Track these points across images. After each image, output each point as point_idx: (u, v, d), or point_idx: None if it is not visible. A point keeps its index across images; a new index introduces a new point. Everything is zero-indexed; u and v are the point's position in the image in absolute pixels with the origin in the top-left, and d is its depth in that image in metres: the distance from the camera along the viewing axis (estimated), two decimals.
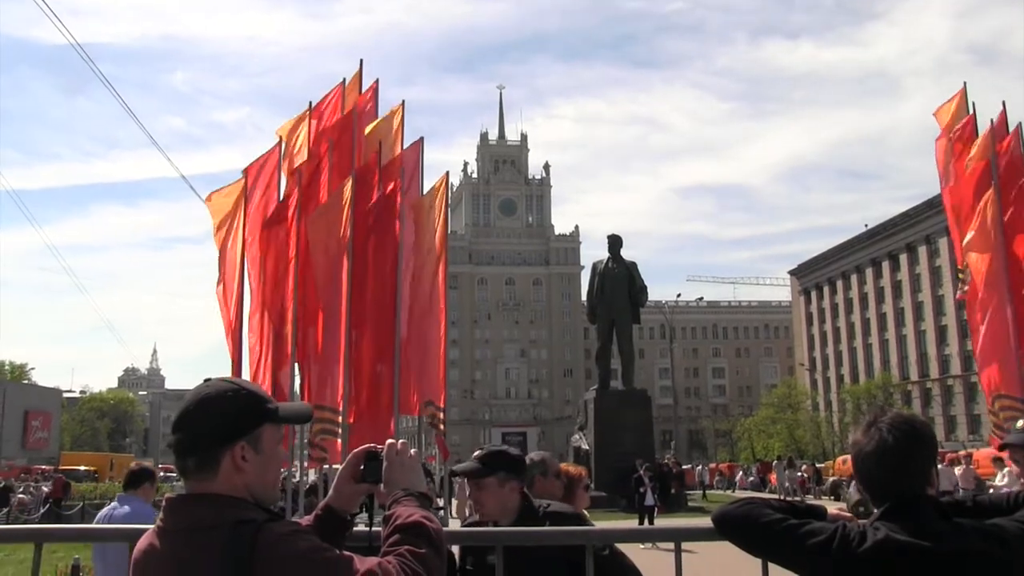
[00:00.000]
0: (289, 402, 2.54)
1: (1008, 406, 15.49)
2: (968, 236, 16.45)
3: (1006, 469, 20.21)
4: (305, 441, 14.94)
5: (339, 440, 14.78)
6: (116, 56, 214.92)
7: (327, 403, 14.33)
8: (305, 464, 15.43)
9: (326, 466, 16.28)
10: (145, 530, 2.23)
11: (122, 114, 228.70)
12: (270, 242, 15.08)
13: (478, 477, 3.89)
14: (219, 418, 2.15)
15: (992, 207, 16.01)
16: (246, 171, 15.66)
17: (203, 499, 2.12)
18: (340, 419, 14.55)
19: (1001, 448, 4.09)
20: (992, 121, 17.22)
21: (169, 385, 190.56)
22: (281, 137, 16.43)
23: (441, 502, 18.01)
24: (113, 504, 7.55)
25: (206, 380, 2.26)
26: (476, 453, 4.06)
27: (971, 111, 17.52)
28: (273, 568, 1.98)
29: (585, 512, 4.87)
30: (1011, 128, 17.32)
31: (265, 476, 2.21)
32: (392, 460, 2.36)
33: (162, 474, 35.07)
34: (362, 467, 2.40)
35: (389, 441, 2.41)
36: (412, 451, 2.41)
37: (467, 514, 4.46)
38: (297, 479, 15.53)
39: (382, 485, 2.35)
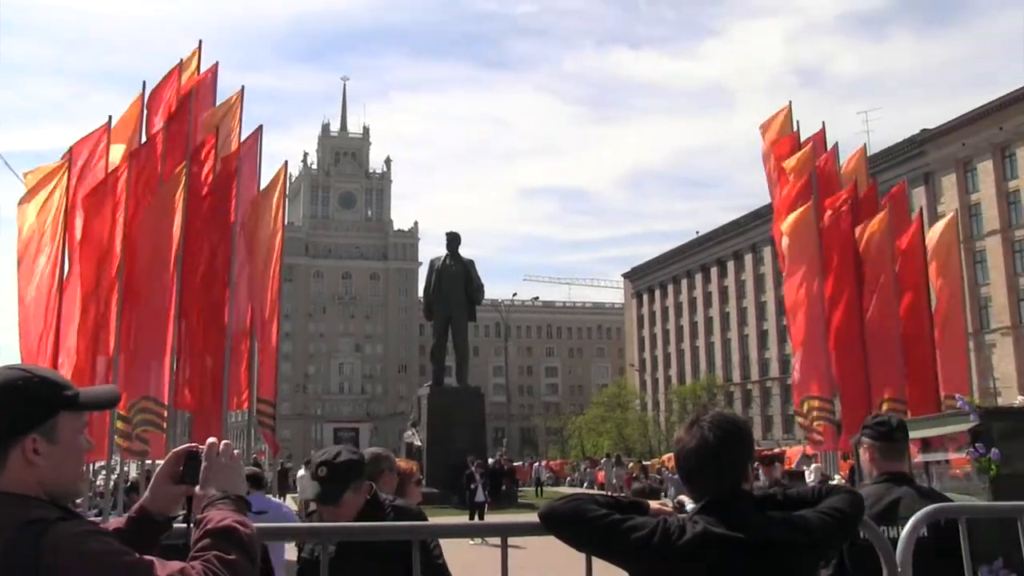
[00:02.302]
0: (93, 387, 2.33)
1: (815, 407, 16.33)
2: (786, 246, 17.26)
3: (813, 466, 21.32)
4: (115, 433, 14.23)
5: (164, 434, 14.33)
6: None
7: (151, 394, 13.86)
8: (119, 457, 14.69)
9: (148, 461, 15.73)
10: None
11: None
12: (94, 225, 14.45)
13: (334, 503, 3.73)
14: (6, 409, 1.97)
15: (810, 219, 16.83)
16: (71, 149, 14.97)
17: None
18: (165, 412, 14.11)
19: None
20: (813, 139, 18.19)
21: None
22: (111, 116, 15.80)
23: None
24: None
25: None
26: (319, 473, 3.77)
27: (795, 129, 18.41)
28: (62, 572, 1.82)
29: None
30: (829, 146, 18.34)
31: (63, 470, 2.04)
32: (212, 460, 2.22)
33: None
34: (181, 467, 2.26)
35: (210, 440, 2.27)
36: (235, 451, 2.28)
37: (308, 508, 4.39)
38: (117, 473, 14.88)
39: (198, 487, 2.21)
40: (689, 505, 5.63)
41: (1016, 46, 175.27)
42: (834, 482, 7.83)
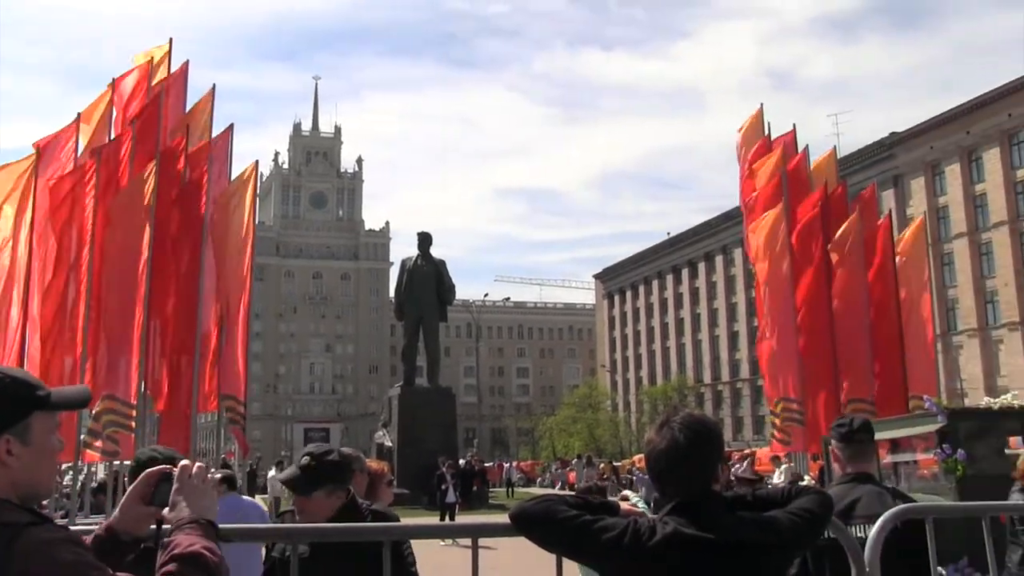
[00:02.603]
0: (64, 387, 2.27)
1: (786, 408, 16.44)
2: (756, 247, 17.36)
3: (783, 467, 21.45)
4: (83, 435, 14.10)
5: (132, 434, 14.21)
6: None
7: (119, 394, 13.74)
8: (83, 459, 14.53)
9: (116, 462, 15.60)
10: None
11: None
12: (62, 224, 14.30)
13: (306, 494, 3.78)
14: None
15: (781, 221, 16.93)
16: (37, 146, 14.80)
17: None
18: (134, 412, 14.00)
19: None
20: (784, 141, 18.32)
21: None
22: (80, 113, 15.65)
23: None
24: None
25: None
26: (303, 461, 3.86)
27: (767, 131, 18.54)
28: None
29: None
30: (800, 149, 18.46)
31: (37, 471, 2.01)
32: (184, 483, 2.17)
33: None
34: (153, 489, 2.21)
35: (183, 462, 2.22)
36: (212, 474, 2.23)
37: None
38: (84, 474, 14.75)
39: (167, 509, 2.16)
40: (634, 498, 5.64)
41: (983, 51, 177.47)
42: (804, 483, 7.88)
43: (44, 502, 2.00)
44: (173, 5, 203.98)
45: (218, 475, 10.47)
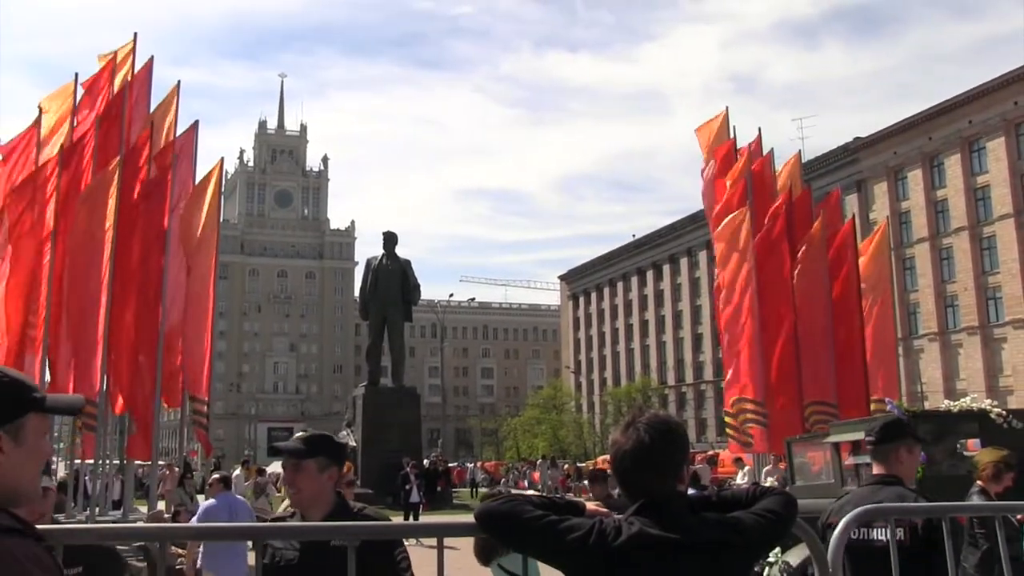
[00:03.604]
0: (61, 393, 2.27)
1: (747, 408, 16.55)
2: (720, 249, 17.48)
3: (746, 468, 21.64)
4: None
5: (93, 433, 14.09)
6: None
7: (83, 394, 13.60)
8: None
9: (77, 460, 15.46)
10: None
11: None
12: (23, 221, 14.15)
13: (298, 457, 3.74)
14: None
15: (745, 224, 17.04)
16: (0, 149, 14.66)
17: None
18: (96, 411, 13.87)
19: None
20: (749, 145, 18.43)
21: None
22: (42, 109, 15.48)
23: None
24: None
25: None
26: (299, 434, 3.90)
27: (732, 135, 18.65)
28: None
29: None
30: (764, 152, 18.60)
31: (24, 471, 1.99)
32: None
33: None
34: None
35: None
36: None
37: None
38: (43, 472, 14.61)
39: None
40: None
41: (942, 59, 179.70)
42: (767, 484, 7.95)
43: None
44: (133, 3, 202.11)
45: (216, 475, 10.53)
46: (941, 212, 65.71)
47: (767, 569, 7.88)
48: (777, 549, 7.66)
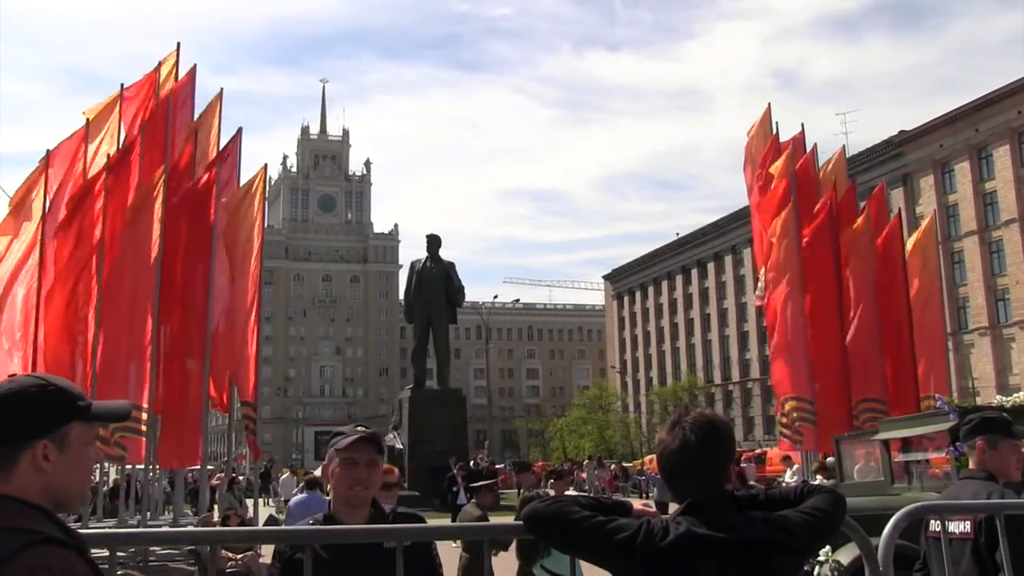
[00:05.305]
0: (107, 400, 2.29)
1: (797, 407, 16.41)
2: (765, 245, 17.32)
3: (795, 467, 21.41)
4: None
5: (142, 438, 14.26)
6: None
7: (130, 398, 13.78)
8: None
9: (128, 466, 15.64)
10: None
11: None
12: (73, 230, 14.37)
13: (379, 454, 3.72)
14: (21, 415, 1.97)
15: (790, 221, 16.89)
16: (48, 154, 14.88)
17: None
18: (144, 415, 14.04)
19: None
20: (793, 140, 18.26)
21: None
22: (88, 119, 15.71)
23: (251, 504, 17.62)
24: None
25: (10, 376, 2.08)
26: (360, 429, 3.79)
27: (774, 131, 18.49)
28: None
29: None
30: (808, 148, 18.40)
31: (71, 478, 2.03)
32: None
33: None
34: None
35: None
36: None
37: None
38: (97, 478, 14.81)
39: None
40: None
41: (986, 51, 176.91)
42: (815, 483, 7.88)
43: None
44: (173, 12, 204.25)
45: (305, 478, 10.85)
46: (990, 204, 64.70)
47: (817, 568, 7.81)
48: (827, 548, 7.60)
